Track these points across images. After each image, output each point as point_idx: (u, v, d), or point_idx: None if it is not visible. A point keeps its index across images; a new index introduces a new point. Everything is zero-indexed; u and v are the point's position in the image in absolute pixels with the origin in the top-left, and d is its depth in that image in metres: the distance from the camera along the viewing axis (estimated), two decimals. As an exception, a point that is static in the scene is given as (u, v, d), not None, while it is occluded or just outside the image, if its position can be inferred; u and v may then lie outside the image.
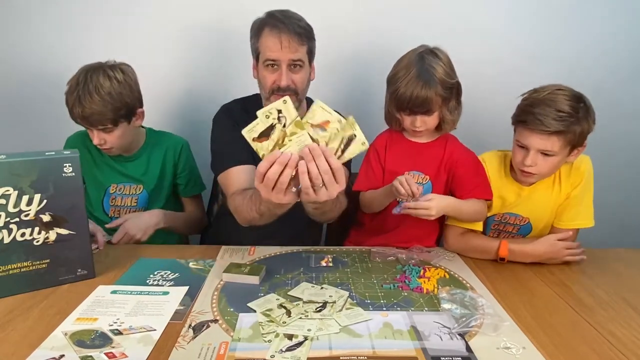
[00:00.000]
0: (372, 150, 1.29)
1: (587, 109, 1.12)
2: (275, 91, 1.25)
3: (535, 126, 1.10)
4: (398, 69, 1.17)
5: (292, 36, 1.20)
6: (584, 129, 1.11)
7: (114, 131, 1.29)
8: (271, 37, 1.20)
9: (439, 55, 1.16)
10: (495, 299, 0.98)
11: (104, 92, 1.23)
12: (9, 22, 1.63)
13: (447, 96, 1.16)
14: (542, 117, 1.08)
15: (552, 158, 1.13)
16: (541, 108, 1.10)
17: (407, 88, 1.12)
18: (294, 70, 1.24)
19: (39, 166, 0.96)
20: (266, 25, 1.22)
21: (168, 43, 1.68)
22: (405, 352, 0.79)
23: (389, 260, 1.17)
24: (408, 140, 1.27)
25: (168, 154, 1.44)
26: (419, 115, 1.17)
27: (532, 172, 1.16)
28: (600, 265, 1.18)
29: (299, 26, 1.21)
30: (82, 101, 1.22)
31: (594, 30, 1.69)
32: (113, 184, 1.40)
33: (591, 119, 1.12)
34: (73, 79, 1.26)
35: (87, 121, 1.25)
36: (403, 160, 1.26)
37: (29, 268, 0.98)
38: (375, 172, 1.28)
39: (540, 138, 1.11)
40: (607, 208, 1.83)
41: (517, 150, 1.18)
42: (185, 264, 1.14)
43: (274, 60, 1.22)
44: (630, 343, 0.84)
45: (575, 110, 1.09)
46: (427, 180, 1.25)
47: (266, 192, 0.92)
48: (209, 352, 0.78)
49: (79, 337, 0.82)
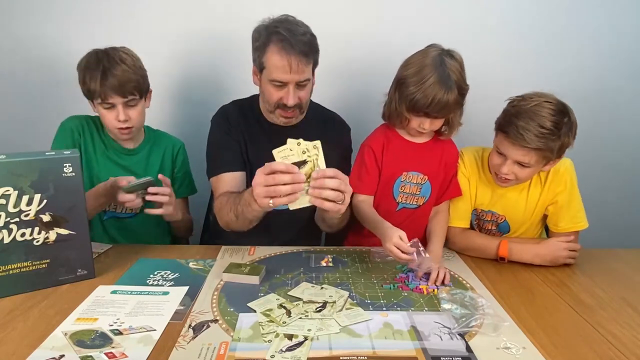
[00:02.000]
0: (368, 151, 1.25)
1: (571, 124, 1.10)
2: (280, 107, 1.24)
3: (516, 139, 1.09)
4: (414, 70, 1.12)
5: (300, 58, 1.16)
6: (563, 143, 1.10)
7: (138, 105, 1.29)
8: (279, 58, 1.16)
9: (456, 58, 1.13)
10: (495, 299, 0.98)
11: (129, 63, 1.25)
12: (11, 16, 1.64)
13: (461, 101, 1.15)
14: (524, 131, 1.07)
15: (528, 169, 1.14)
16: (524, 121, 1.08)
17: (427, 92, 1.09)
18: (300, 88, 1.22)
19: (39, 166, 0.96)
20: (272, 42, 1.17)
21: (164, 45, 1.68)
22: (405, 352, 0.79)
23: (388, 260, 1.17)
24: (405, 140, 1.25)
25: (167, 154, 1.44)
26: (431, 119, 1.15)
27: (508, 179, 1.17)
28: (600, 265, 1.18)
29: (304, 43, 1.17)
30: (113, 70, 1.21)
31: (593, 31, 1.70)
32: (112, 177, 1.32)
33: (572, 135, 1.11)
34: (89, 58, 1.25)
35: (120, 90, 1.23)
36: (401, 160, 1.24)
37: (29, 268, 0.98)
38: (370, 174, 1.24)
39: (519, 151, 1.11)
40: (607, 208, 1.84)
41: (495, 155, 1.18)
42: (185, 264, 1.14)
43: (281, 81, 1.19)
44: (630, 343, 0.84)
45: (557, 126, 1.07)
46: (426, 180, 1.24)
47: (260, 190, 0.95)
48: (209, 352, 0.78)
49: (79, 337, 0.82)
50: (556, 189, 1.22)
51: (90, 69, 1.23)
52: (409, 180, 1.24)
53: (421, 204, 1.26)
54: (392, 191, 1.25)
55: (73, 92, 1.30)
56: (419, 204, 1.26)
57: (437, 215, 1.28)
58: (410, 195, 1.25)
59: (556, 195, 1.22)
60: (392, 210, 1.25)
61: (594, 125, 1.75)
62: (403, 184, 1.24)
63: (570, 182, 1.21)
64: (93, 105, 1.28)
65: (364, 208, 1.21)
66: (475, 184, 1.28)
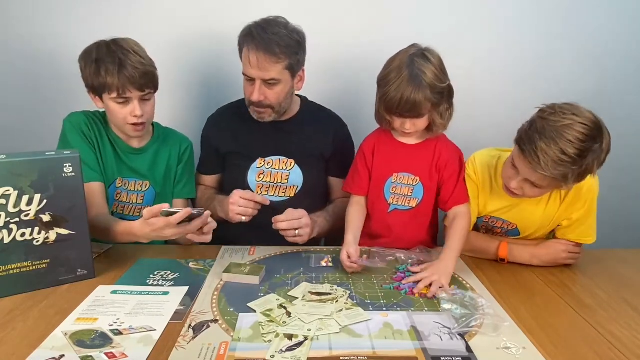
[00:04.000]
0: (359, 152, 1.29)
1: (600, 152, 0.96)
2: (251, 104, 1.30)
3: (532, 161, 0.98)
4: (388, 70, 1.13)
5: (266, 55, 1.20)
6: (585, 170, 0.98)
7: (152, 99, 1.25)
8: (247, 54, 1.23)
9: (429, 58, 1.11)
10: (495, 299, 0.98)
11: (143, 54, 1.20)
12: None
13: (437, 100, 1.12)
14: (543, 154, 0.96)
15: (539, 190, 1.06)
16: (546, 142, 0.96)
17: (397, 92, 1.09)
18: (268, 86, 1.26)
19: (39, 166, 0.96)
20: (245, 40, 1.24)
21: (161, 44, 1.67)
22: (405, 352, 0.79)
23: (388, 260, 1.17)
24: (397, 141, 1.24)
25: (173, 152, 1.40)
26: (409, 119, 1.15)
27: (516, 194, 1.10)
28: (600, 265, 1.18)
29: (277, 44, 1.20)
30: (130, 62, 1.15)
31: (593, 32, 1.70)
32: (119, 177, 1.32)
33: (598, 163, 0.98)
34: (98, 50, 1.18)
35: (138, 83, 1.17)
36: (392, 162, 1.24)
37: (29, 268, 0.98)
38: (361, 176, 1.27)
39: (534, 174, 1.01)
40: (607, 208, 1.83)
41: (509, 166, 1.09)
42: (185, 264, 1.14)
43: (249, 76, 1.25)
44: (630, 343, 0.84)
45: (582, 155, 0.95)
46: (418, 182, 1.23)
47: (229, 205, 1.20)
48: (209, 352, 0.78)
49: (79, 337, 0.82)
50: (575, 205, 1.14)
51: (104, 61, 1.16)
52: (400, 181, 1.24)
53: (414, 206, 1.25)
54: (384, 192, 1.25)
55: (65, 88, 1.26)
56: (411, 206, 1.25)
57: (452, 222, 1.19)
58: (401, 197, 1.24)
59: (573, 213, 1.15)
60: (384, 211, 1.25)
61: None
62: (394, 185, 1.24)
63: (591, 202, 1.14)
64: (100, 100, 1.22)
65: (350, 209, 1.26)
66: (486, 194, 1.22)
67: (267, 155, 1.38)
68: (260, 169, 1.38)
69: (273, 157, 1.38)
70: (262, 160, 1.38)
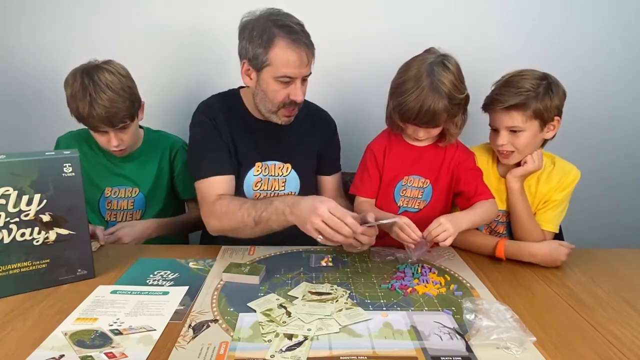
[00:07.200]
0: (370, 154, 1.26)
1: (549, 85, 1.15)
2: (287, 105, 1.20)
3: (495, 105, 1.17)
4: (405, 78, 1.11)
5: (309, 50, 1.15)
6: (547, 103, 1.14)
7: (130, 127, 1.25)
8: (290, 52, 1.11)
9: (448, 66, 1.09)
10: (495, 299, 0.98)
11: (117, 87, 1.19)
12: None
13: (454, 111, 1.12)
14: (501, 95, 1.16)
15: (522, 134, 1.17)
16: (502, 89, 1.17)
17: (416, 102, 1.07)
18: (303, 83, 1.20)
19: (39, 166, 0.96)
20: (279, 36, 1.11)
21: (149, 44, 1.67)
22: (405, 352, 0.79)
23: (388, 260, 1.17)
24: (407, 144, 1.24)
25: (164, 154, 1.41)
26: (424, 128, 1.14)
27: (508, 150, 1.19)
28: (600, 265, 1.18)
29: (307, 35, 1.16)
30: (100, 101, 1.16)
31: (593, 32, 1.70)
32: (108, 187, 1.35)
33: (554, 95, 1.15)
34: (74, 83, 1.18)
35: (109, 122, 1.19)
36: (402, 164, 1.24)
37: (29, 268, 0.98)
38: (371, 177, 1.25)
39: (504, 116, 1.16)
40: (607, 208, 1.84)
41: (491, 134, 1.24)
42: (185, 263, 1.14)
43: (291, 77, 1.15)
44: (630, 343, 0.84)
45: (534, 86, 1.13)
46: (428, 184, 1.24)
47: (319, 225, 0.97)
48: (209, 352, 0.78)
49: (79, 337, 0.82)
50: (560, 186, 1.24)
51: (77, 96, 1.17)
52: (411, 184, 1.24)
53: (422, 208, 1.25)
54: (394, 195, 1.25)
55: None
56: (420, 208, 1.25)
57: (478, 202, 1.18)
58: (411, 199, 1.24)
59: (556, 192, 1.24)
60: (394, 213, 1.25)
61: (594, 125, 1.75)
62: (404, 187, 1.24)
63: (569, 191, 1.25)
64: None
65: (360, 210, 1.22)
66: (487, 180, 1.26)
67: (264, 160, 1.29)
68: (257, 176, 1.29)
69: (269, 162, 1.30)
70: (260, 167, 1.29)
